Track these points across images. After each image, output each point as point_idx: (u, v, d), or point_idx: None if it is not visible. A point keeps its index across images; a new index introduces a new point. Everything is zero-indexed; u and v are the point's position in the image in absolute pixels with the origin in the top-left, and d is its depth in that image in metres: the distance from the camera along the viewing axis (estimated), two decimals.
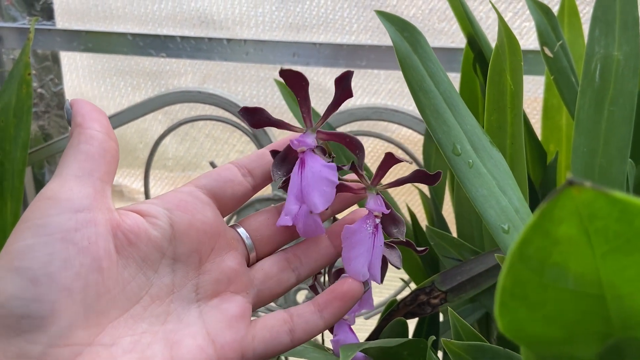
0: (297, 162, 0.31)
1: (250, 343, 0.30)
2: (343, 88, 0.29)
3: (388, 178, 0.32)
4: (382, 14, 0.30)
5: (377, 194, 0.32)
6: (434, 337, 0.31)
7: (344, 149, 0.52)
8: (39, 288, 0.25)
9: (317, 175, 0.30)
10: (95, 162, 0.28)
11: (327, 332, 0.38)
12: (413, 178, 0.31)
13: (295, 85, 0.30)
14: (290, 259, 0.33)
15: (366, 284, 0.33)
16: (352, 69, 0.28)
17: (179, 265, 0.29)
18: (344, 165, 0.31)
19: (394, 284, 0.78)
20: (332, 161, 0.32)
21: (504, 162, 0.30)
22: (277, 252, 0.33)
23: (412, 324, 0.41)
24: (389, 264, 0.34)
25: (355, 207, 0.37)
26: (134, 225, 0.28)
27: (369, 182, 0.32)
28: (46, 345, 0.24)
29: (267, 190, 0.68)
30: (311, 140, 0.31)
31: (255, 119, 0.31)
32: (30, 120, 0.55)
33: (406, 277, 0.56)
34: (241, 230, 0.32)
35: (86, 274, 0.26)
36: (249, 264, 0.33)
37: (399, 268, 0.33)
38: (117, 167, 0.29)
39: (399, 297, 0.70)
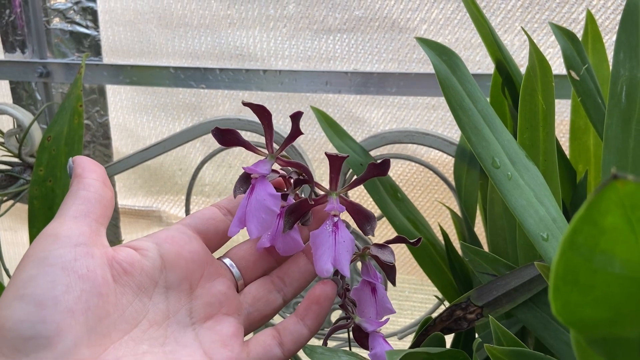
0: (249, 187, 0.33)
1: (245, 359, 0.32)
2: (294, 125, 0.32)
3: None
4: (422, 41, 0.33)
5: (337, 196, 0.34)
6: (480, 340, 0.32)
7: None
8: (44, 310, 0.26)
9: (260, 202, 0.32)
10: (91, 205, 0.30)
11: (363, 351, 0.39)
12: (367, 174, 0.32)
13: (259, 115, 0.32)
14: (274, 281, 0.35)
15: (339, 282, 0.34)
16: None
17: (172, 292, 0.32)
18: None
19: (425, 305, 0.79)
20: (292, 186, 0.34)
21: (540, 174, 0.32)
22: (262, 277, 0.35)
23: (447, 340, 0.42)
24: (395, 267, 0.35)
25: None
26: (127, 257, 0.31)
27: (329, 189, 0.34)
28: None
29: None
30: (265, 168, 0.34)
31: (226, 138, 0.33)
32: (82, 149, 0.58)
33: (440, 295, 0.57)
34: (226, 260, 0.35)
35: (87, 298, 0.28)
36: (239, 291, 0.35)
37: (392, 263, 0.35)
38: (112, 211, 0.32)
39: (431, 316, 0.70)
